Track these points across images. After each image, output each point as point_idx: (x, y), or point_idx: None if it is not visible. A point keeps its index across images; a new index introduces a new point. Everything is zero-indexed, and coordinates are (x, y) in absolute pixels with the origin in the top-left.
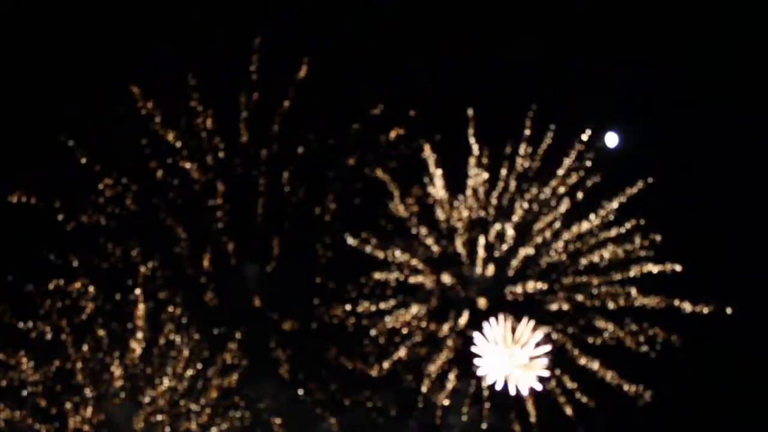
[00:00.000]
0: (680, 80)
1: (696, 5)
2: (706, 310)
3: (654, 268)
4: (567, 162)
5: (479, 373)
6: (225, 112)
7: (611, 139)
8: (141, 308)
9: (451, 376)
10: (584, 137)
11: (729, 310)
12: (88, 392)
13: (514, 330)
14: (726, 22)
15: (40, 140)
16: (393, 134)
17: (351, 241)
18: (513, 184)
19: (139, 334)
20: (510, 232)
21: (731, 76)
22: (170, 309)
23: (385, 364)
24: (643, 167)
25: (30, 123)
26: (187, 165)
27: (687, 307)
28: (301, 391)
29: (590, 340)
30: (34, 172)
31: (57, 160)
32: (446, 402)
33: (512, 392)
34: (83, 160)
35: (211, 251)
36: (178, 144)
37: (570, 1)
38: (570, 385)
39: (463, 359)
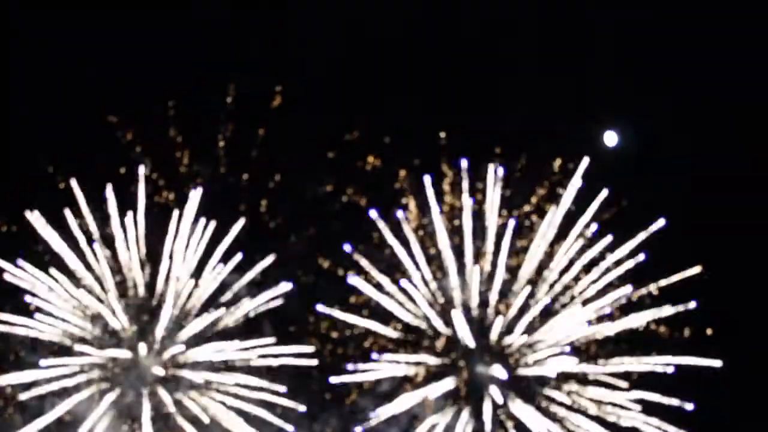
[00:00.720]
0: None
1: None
2: (686, 333)
3: (631, 293)
4: (540, 191)
5: None
6: (203, 141)
7: (610, 138)
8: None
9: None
10: (556, 165)
11: (709, 331)
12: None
13: None
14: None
15: (18, 166)
16: (370, 160)
17: (326, 265)
18: (488, 208)
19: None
20: (485, 255)
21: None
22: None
23: (365, 384)
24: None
25: (8, 149)
26: (165, 193)
27: (663, 330)
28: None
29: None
30: (13, 198)
31: (35, 187)
32: (426, 421)
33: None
34: (61, 186)
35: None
36: (155, 175)
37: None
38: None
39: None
